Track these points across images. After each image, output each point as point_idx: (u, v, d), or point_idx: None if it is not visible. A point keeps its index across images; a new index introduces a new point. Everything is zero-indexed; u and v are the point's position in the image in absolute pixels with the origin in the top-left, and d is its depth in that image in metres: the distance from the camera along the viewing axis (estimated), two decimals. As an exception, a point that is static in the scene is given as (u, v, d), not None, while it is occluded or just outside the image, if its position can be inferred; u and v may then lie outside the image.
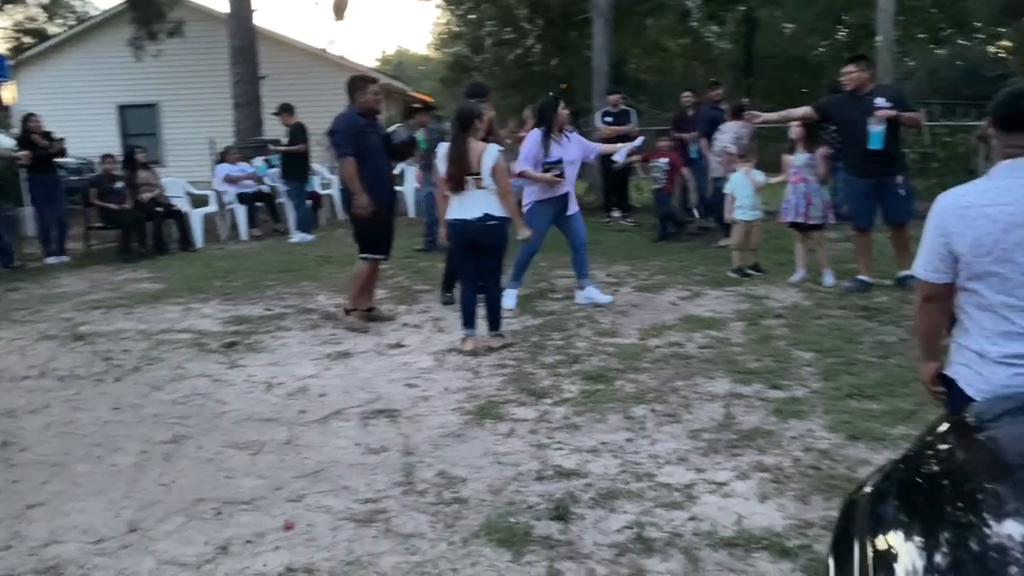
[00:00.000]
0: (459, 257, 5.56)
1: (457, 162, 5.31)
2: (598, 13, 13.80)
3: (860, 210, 6.81)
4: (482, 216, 5.31)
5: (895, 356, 4.94)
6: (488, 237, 5.38)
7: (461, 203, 5.36)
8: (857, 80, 6.62)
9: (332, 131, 6.10)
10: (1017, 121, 2.26)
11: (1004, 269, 2.21)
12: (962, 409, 2.31)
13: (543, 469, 3.59)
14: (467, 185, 5.31)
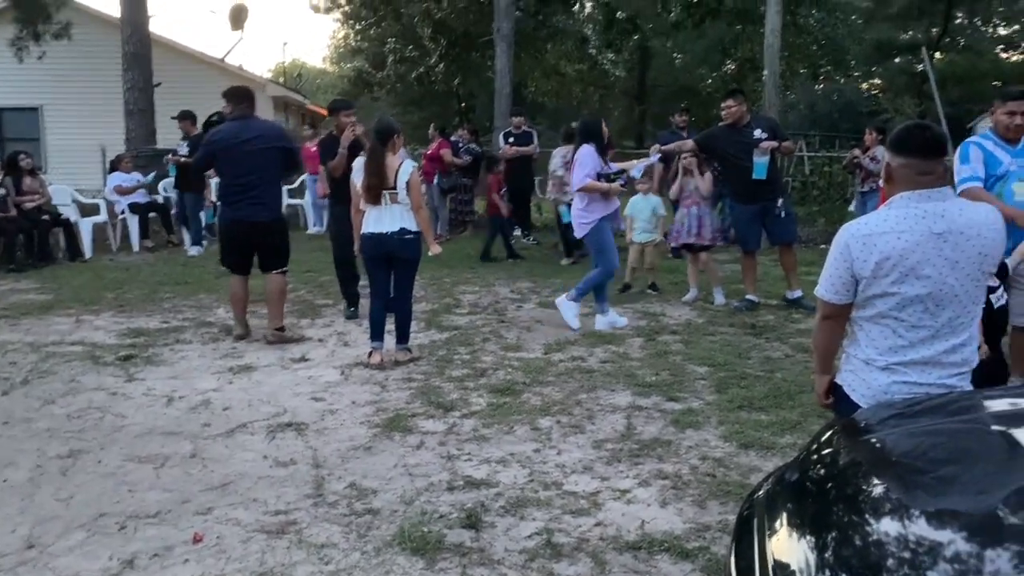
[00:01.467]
0: (372, 271, 5.57)
1: (376, 175, 5.35)
2: (500, 36, 14.07)
3: (747, 234, 7.22)
4: (399, 230, 5.37)
5: (781, 370, 5.25)
6: (404, 251, 5.44)
7: (378, 217, 5.39)
8: (736, 114, 7.01)
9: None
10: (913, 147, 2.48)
11: (900, 289, 2.44)
12: (849, 415, 2.52)
13: (453, 480, 3.67)
14: (383, 199, 5.36)
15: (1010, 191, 4.31)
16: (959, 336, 2.47)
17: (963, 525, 1.74)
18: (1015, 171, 4.35)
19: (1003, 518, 1.75)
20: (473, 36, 18.32)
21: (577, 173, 6.26)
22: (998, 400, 2.50)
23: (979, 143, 4.47)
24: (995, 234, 2.45)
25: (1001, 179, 4.36)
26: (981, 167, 4.37)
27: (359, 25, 22.61)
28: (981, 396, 2.53)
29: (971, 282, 2.43)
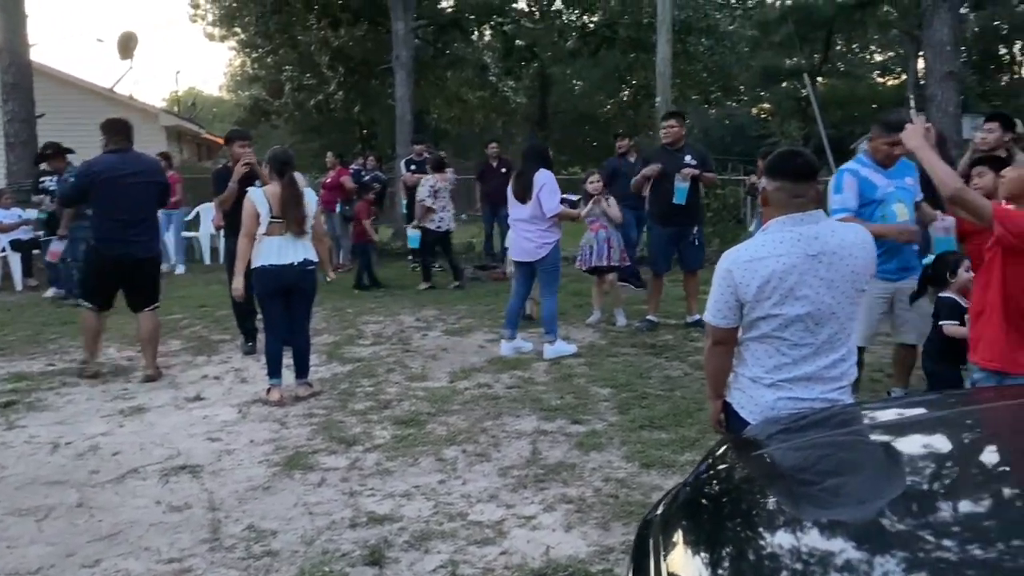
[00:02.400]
0: (268, 305, 5.38)
1: (298, 203, 5.24)
2: (400, 64, 14.07)
3: (659, 257, 7.37)
4: (303, 261, 5.28)
5: (680, 389, 5.37)
6: (305, 282, 5.34)
7: (280, 248, 5.23)
8: (676, 135, 7.18)
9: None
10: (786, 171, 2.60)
11: (781, 311, 2.54)
12: (739, 432, 2.60)
13: (356, 516, 3.59)
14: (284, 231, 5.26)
15: (892, 213, 4.39)
16: (838, 352, 2.59)
17: (851, 534, 1.80)
18: (893, 192, 4.45)
19: (888, 526, 1.83)
20: (372, 64, 18.27)
21: (551, 200, 6.20)
22: (877, 412, 2.62)
23: (854, 170, 4.52)
24: (866, 253, 2.59)
25: (881, 203, 4.44)
26: (854, 196, 4.43)
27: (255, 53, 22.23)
28: (861, 409, 2.65)
29: (846, 300, 2.55)
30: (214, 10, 20.44)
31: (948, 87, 13.19)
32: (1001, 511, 1.83)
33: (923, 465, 2.16)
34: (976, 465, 2.14)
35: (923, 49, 14.10)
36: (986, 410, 2.50)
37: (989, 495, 1.92)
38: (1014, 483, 1.99)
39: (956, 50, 13.93)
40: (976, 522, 1.77)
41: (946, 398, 2.92)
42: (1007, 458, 2.16)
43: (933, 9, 13.03)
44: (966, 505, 1.86)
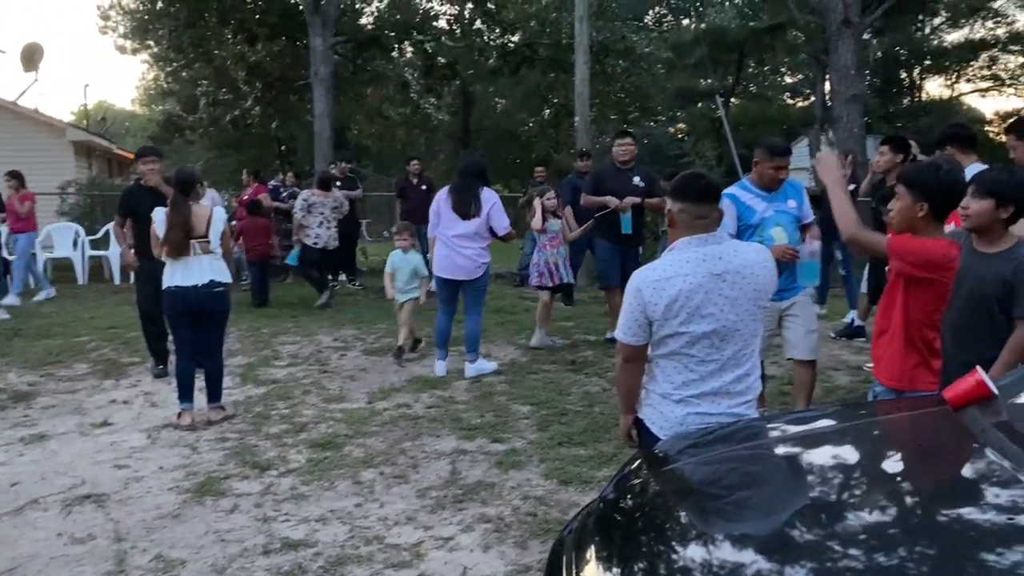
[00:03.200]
0: (177, 327, 5.26)
1: (180, 227, 5.11)
2: (318, 80, 13.94)
3: (609, 271, 7.39)
4: (209, 283, 5.14)
5: (599, 405, 5.43)
6: (214, 304, 5.20)
7: (185, 269, 5.11)
8: (631, 153, 7.24)
9: None
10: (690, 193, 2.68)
11: (688, 328, 2.61)
12: (650, 447, 2.64)
13: (270, 543, 3.51)
14: (192, 250, 5.12)
15: (770, 237, 4.45)
16: (743, 367, 2.67)
17: (760, 546, 1.85)
18: (771, 216, 4.51)
19: (795, 536, 1.88)
20: (290, 79, 18.03)
21: (503, 218, 6.22)
22: (781, 426, 2.70)
23: (733, 195, 4.53)
24: (767, 272, 2.69)
25: (757, 227, 4.49)
26: (732, 221, 4.42)
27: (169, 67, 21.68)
28: (765, 423, 2.73)
29: (749, 317, 2.64)
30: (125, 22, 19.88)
31: (853, 109, 13.79)
32: (902, 519, 1.90)
33: (827, 476, 2.23)
34: (878, 474, 2.22)
35: (829, 72, 14.70)
36: (885, 421, 2.60)
37: (890, 503, 2.00)
38: (914, 491, 2.08)
39: (860, 74, 14.60)
40: (879, 530, 1.84)
41: (848, 410, 3.04)
42: (907, 467, 2.25)
43: (838, 34, 13.64)
44: (869, 514, 1.93)
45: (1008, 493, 1.83)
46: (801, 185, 4.90)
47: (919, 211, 2.89)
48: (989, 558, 1.60)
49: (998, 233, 3.10)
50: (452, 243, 6.17)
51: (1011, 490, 1.83)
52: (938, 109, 31.24)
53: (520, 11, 18.46)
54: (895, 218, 2.98)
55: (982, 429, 2.12)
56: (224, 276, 5.24)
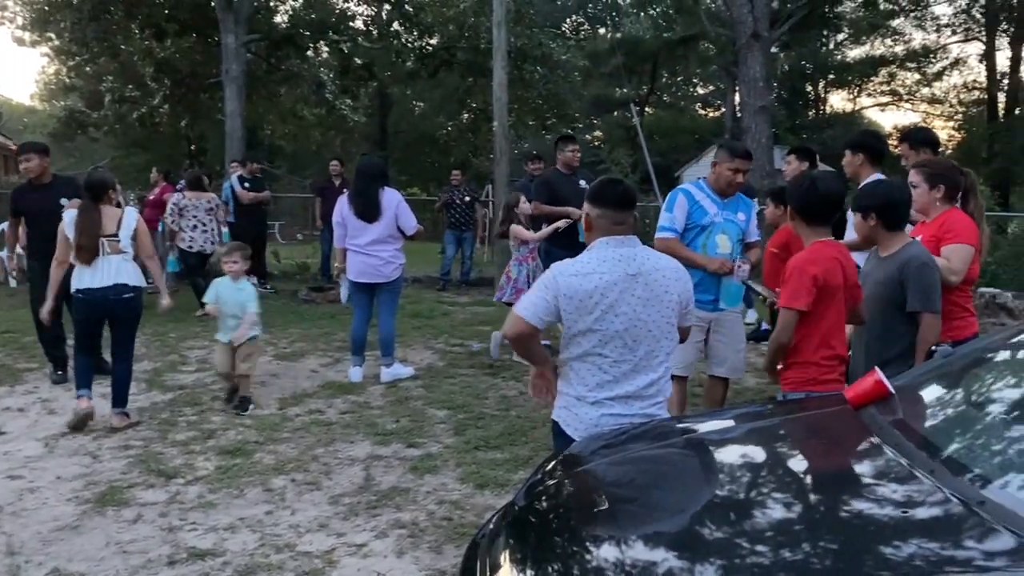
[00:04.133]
0: (83, 329, 5.08)
1: (89, 232, 4.95)
2: (230, 78, 13.58)
3: None
4: (114, 285, 4.96)
5: (516, 408, 5.45)
6: (122, 309, 5.04)
7: (92, 271, 4.95)
8: (576, 159, 7.10)
9: None
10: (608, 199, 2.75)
11: (602, 326, 2.65)
12: (564, 449, 2.66)
13: (175, 553, 3.39)
14: (102, 249, 4.96)
15: (714, 243, 4.38)
16: (656, 370, 2.72)
17: (671, 544, 1.89)
18: (720, 223, 4.37)
19: (705, 534, 1.92)
20: (201, 77, 17.48)
21: (409, 218, 6.12)
22: (691, 426, 2.76)
23: (688, 192, 4.43)
24: (679, 277, 2.78)
25: (706, 229, 4.36)
26: (683, 218, 4.35)
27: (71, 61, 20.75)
28: (676, 423, 2.78)
29: (662, 319, 2.69)
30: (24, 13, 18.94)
31: (761, 120, 14.25)
32: (805, 515, 1.97)
33: (735, 474, 2.29)
34: (782, 472, 2.29)
35: (739, 84, 15.15)
36: (790, 421, 2.69)
37: (794, 500, 2.07)
38: (816, 488, 2.15)
39: (768, 86, 15.09)
40: (784, 526, 1.90)
41: (755, 411, 3.13)
42: (809, 465, 2.33)
43: (747, 47, 14.07)
44: (774, 511, 1.99)
45: (904, 488, 1.91)
46: (753, 203, 4.77)
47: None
48: (886, 551, 1.67)
49: (884, 239, 3.29)
50: (364, 249, 6.06)
51: (906, 485, 1.91)
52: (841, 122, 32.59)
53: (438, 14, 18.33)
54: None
55: (880, 427, 2.21)
56: (134, 279, 5.06)
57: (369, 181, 6.10)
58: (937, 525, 1.75)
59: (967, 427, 2.25)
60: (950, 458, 1.95)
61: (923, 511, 1.80)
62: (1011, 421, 2.17)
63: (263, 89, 18.96)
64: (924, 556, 1.63)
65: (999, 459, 2.00)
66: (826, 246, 3.19)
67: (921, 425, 2.30)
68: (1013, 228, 15.44)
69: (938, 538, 1.71)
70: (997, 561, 1.58)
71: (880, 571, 1.61)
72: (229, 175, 11.22)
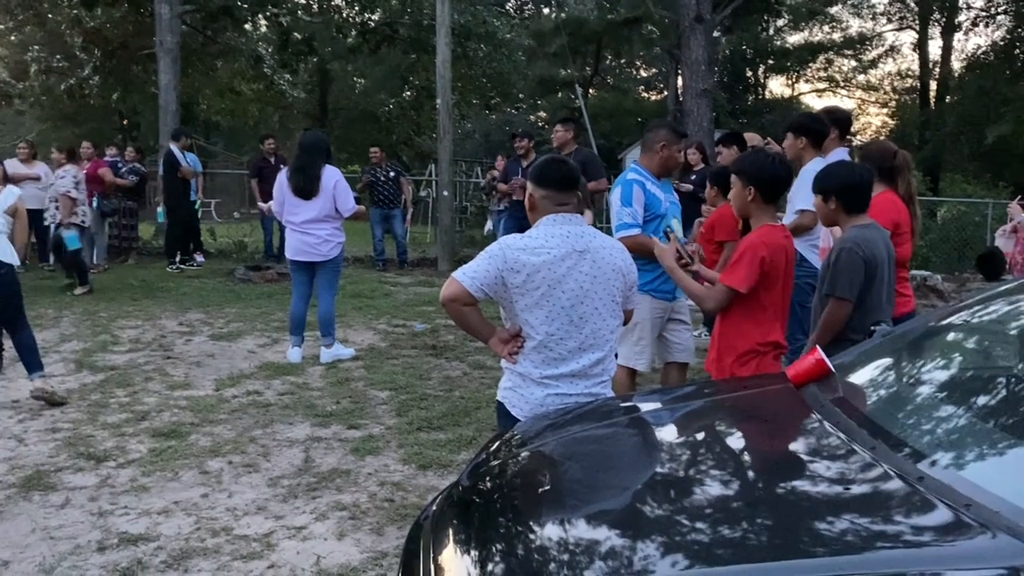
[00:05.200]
0: None
1: None
2: (164, 50, 13.14)
3: None
4: None
5: (459, 389, 5.41)
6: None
7: None
8: (562, 139, 7.16)
9: None
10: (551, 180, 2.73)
11: (548, 302, 2.62)
12: (509, 429, 2.63)
13: (106, 538, 3.28)
14: None
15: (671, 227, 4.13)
16: (602, 349, 2.70)
17: (613, 522, 1.87)
18: (669, 208, 4.25)
19: (647, 512, 1.92)
20: (133, 48, 16.87)
21: (349, 198, 5.98)
22: (636, 404, 2.76)
23: (641, 183, 4.17)
24: (624, 256, 2.77)
25: (662, 218, 4.18)
26: (642, 210, 4.14)
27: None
28: (619, 402, 2.78)
29: (608, 297, 2.68)
30: (-58, -24, 18.05)
31: (703, 103, 14.37)
32: (747, 491, 1.98)
33: (678, 452, 2.30)
34: (725, 449, 2.30)
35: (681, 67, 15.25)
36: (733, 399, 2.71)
37: (736, 477, 2.07)
38: (757, 465, 2.16)
39: (710, 70, 15.22)
40: (725, 503, 1.90)
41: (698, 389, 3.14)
42: (751, 442, 2.35)
43: (690, 30, 14.15)
44: (716, 487, 2.00)
45: (844, 465, 1.93)
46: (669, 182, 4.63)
47: (748, 195, 3.23)
48: (826, 527, 1.68)
49: (844, 222, 3.29)
50: (299, 225, 5.94)
51: (847, 462, 1.93)
52: (780, 107, 33.12)
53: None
54: (732, 203, 3.25)
55: (821, 405, 2.23)
56: (8, 256, 4.89)
57: (312, 156, 5.93)
58: (878, 501, 1.76)
59: (906, 404, 2.29)
60: (889, 435, 1.97)
61: (863, 487, 1.82)
62: (948, 399, 2.21)
63: (199, 62, 18.44)
64: (864, 531, 1.64)
65: (937, 435, 2.03)
66: (775, 229, 3.22)
67: (861, 403, 2.33)
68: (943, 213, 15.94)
69: (878, 513, 1.72)
70: (936, 535, 1.60)
71: (820, 546, 1.62)
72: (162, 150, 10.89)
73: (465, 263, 2.74)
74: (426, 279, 10.58)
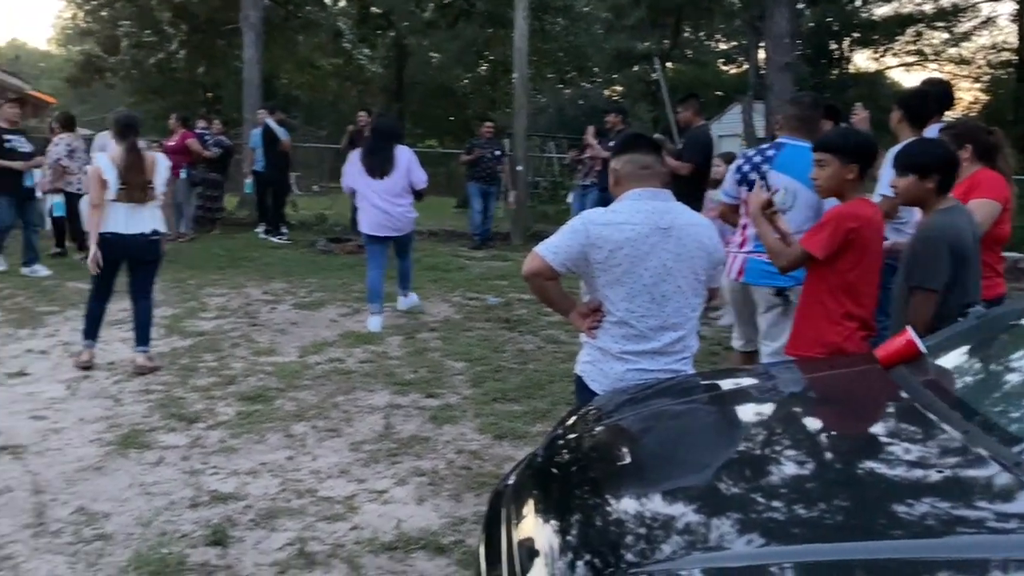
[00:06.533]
0: (108, 271, 5.13)
1: (137, 169, 5.01)
2: (248, 25, 13.44)
3: None
4: (152, 231, 5.10)
5: (533, 362, 5.46)
6: (152, 253, 5.17)
7: (128, 216, 5.00)
8: (687, 120, 7.14)
9: None
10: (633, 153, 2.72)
11: (630, 279, 2.60)
12: (587, 402, 2.65)
13: (197, 496, 3.43)
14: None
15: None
16: (683, 327, 2.68)
17: (689, 498, 1.88)
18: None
19: (722, 488, 1.92)
20: (218, 23, 17.32)
21: (420, 173, 6.37)
22: (718, 381, 2.75)
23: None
24: (710, 231, 2.73)
25: None
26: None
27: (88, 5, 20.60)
28: (700, 378, 2.77)
29: (692, 275, 2.65)
30: (41, -45, 18.79)
31: (785, 77, 13.98)
32: (832, 471, 1.96)
33: (761, 430, 2.28)
34: (810, 428, 2.28)
35: (763, 40, 14.86)
36: (818, 378, 2.67)
37: (821, 456, 2.05)
38: (844, 445, 2.14)
39: (793, 43, 14.78)
40: (806, 482, 1.89)
41: (783, 367, 3.11)
42: (838, 421, 2.32)
43: (774, 2, 13.75)
44: (798, 467, 1.98)
45: (933, 447, 1.90)
46: None
47: (848, 174, 3.08)
48: (910, 509, 1.65)
49: (935, 203, 3.15)
50: (378, 204, 6.26)
51: (936, 444, 1.90)
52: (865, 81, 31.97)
53: (459, -37, 18.09)
54: (825, 183, 3.12)
55: (911, 387, 2.19)
56: (162, 225, 5.21)
57: (385, 140, 6.36)
58: (969, 484, 1.73)
59: (1001, 388, 2.23)
60: (984, 418, 1.92)
61: (954, 470, 1.79)
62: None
63: (280, 37, 18.79)
64: (950, 515, 1.62)
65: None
66: (867, 204, 3.13)
67: (953, 385, 2.28)
68: (1038, 192, 15.15)
69: (968, 497, 1.69)
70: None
71: (901, 528, 1.60)
72: (261, 122, 11.14)
73: (537, 238, 2.76)
74: (499, 253, 10.64)
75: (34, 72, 35.88)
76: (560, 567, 1.72)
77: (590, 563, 1.69)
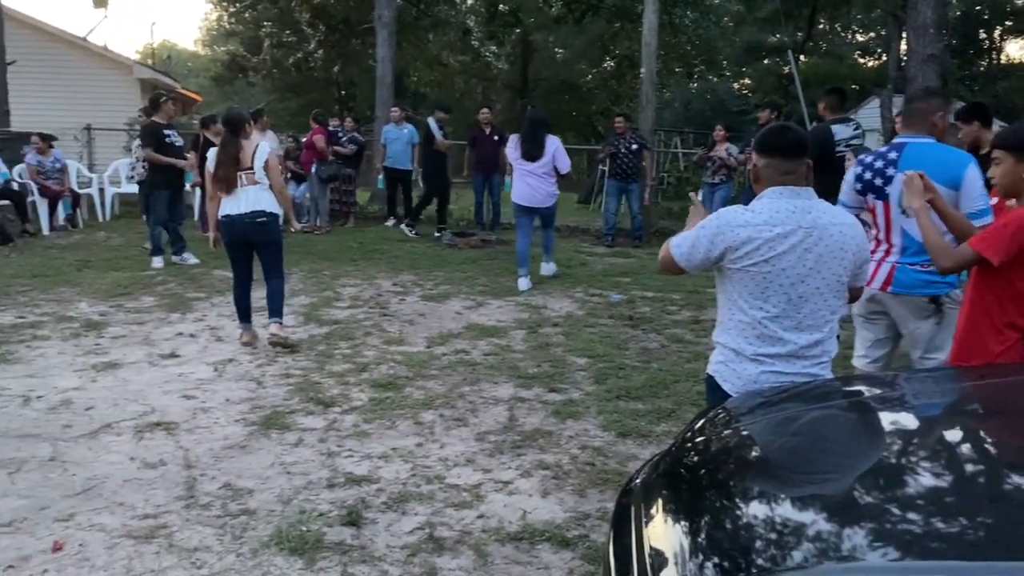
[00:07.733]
0: (232, 255, 5.67)
1: (229, 164, 5.46)
2: (382, 24, 13.85)
3: None
4: (252, 212, 5.45)
5: (657, 361, 5.41)
6: (260, 233, 5.51)
7: (234, 200, 5.48)
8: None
9: None
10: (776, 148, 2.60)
11: (766, 280, 2.54)
12: (719, 403, 2.62)
13: (333, 477, 3.60)
14: (240, 181, 5.44)
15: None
16: (821, 330, 2.59)
17: (823, 506, 1.84)
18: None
19: (858, 497, 1.86)
20: (353, 23, 17.96)
21: (565, 159, 7.74)
22: (857, 387, 2.66)
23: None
24: (855, 231, 2.60)
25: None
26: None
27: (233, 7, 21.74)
28: (839, 383, 2.68)
29: (833, 277, 2.55)
30: (191, -39, 19.97)
31: (929, 70, 13.24)
32: (974, 486, 1.86)
33: (901, 439, 2.19)
34: (955, 439, 2.17)
35: (906, 31, 14.12)
36: (966, 387, 2.54)
37: (964, 470, 1.96)
38: (990, 460, 2.03)
39: (939, 33, 13.98)
40: (947, 495, 1.81)
41: (926, 375, 2.97)
42: (986, 435, 2.20)
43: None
44: (932, 480, 1.90)
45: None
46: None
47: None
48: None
49: None
50: (527, 179, 7.71)
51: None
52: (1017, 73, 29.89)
53: (588, -42, 18.06)
54: (1000, 181, 2.94)
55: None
56: (269, 206, 5.53)
57: (538, 129, 7.75)
58: None
59: None
60: None
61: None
62: None
63: (412, 35, 19.27)
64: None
65: None
66: None
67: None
68: None
69: None
70: None
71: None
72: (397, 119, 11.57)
73: (662, 235, 2.74)
74: (621, 250, 10.58)
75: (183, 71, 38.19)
76: (691, 568, 1.72)
77: (720, 566, 1.67)
